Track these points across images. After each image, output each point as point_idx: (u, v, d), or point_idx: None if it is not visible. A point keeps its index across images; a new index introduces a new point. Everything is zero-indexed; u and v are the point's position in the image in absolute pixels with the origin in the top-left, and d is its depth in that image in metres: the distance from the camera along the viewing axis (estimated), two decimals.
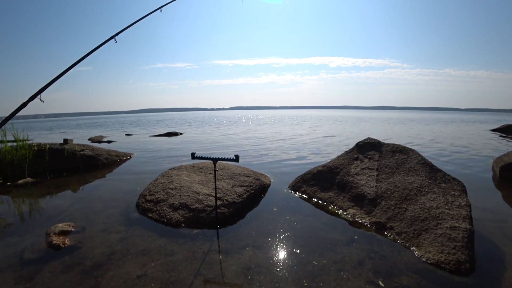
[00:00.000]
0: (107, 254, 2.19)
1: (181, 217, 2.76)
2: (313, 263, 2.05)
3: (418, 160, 3.29)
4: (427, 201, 2.64)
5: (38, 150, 5.17)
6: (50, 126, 27.00)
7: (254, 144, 8.82)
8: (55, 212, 3.12)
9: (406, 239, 2.34)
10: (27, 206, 3.44)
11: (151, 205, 3.05)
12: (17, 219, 3.00)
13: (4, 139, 5.16)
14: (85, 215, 3.03)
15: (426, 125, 17.94)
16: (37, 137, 13.00)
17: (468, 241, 2.13)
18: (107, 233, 2.57)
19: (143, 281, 1.86)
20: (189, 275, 1.91)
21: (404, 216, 2.57)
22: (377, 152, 3.66)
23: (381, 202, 2.85)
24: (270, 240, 2.41)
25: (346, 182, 3.34)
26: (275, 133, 12.55)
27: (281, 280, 1.85)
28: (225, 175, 3.72)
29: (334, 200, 3.23)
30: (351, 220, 2.79)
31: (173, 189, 3.25)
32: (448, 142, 8.98)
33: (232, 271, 1.96)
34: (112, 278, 1.89)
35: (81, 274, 1.94)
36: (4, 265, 2.06)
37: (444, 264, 1.98)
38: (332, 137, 10.49)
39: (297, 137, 10.61)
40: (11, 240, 2.48)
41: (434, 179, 2.98)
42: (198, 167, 4.12)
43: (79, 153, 5.57)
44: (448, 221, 2.34)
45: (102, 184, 4.35)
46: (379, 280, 1.84)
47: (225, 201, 3.00)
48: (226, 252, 2.23)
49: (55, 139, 10.16)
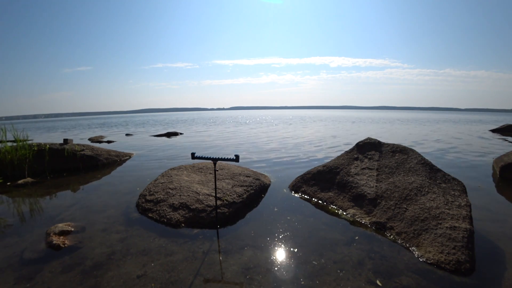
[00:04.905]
0: (107, 254, 2.19)
1: (181, 217, 2.76)
2: (313, 263, 2.05)
3: (418, 160, 3.29)
4: (427, 201, 2.64)
5: (38, 150, 5.17)
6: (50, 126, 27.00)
7: (254, 144, 8.82)
8: (55, 212, 3.12)
9: (406, 239, 2.34)
10: (27, 206, 3.44)
11: (151, 205, 3.05)
12: (17, 219, 3.00)
13: (4, 139, 5.16)
14: (85, 215, 3.03)
15: (426, 125, 17.94)
16: (37, 137, 13.00)
17: (468, 241, 2.13)
18: (107, 233, 2.57)
19: (143, 281, 1.86)
20: (189, 275, 1.91)
21: (404, 216, 2.57)
22: (377, 152, 3.66)
23: (381, 202, 2.85)
24: (270, 240, 2.41)
25: (346, 182, 3.34)
26: (275, 133, 12.55)
27: (281, 280, 1.85)
28: (225, 175, 3.71)
29: (334, 200, 3.23)
30: (351, 220, 2.79)
31: (173, 189, 3.25)
32: (448, 142, 8.98)
33: (232, 271, 1.96)
34: (112, 278, 1.89)
35: (81, 274, 1.94)
36: (4, 265, 2.06)
37: (444, 264, 1.98)
38: (332, 137, 10.49)
39: (297, 137, 10.61)
40: (11, 240, 2.48)
41: (434, 179, 2.98)
42: (198, 167, 4.11)
43: (79, 153, 5.56)
44: (448, 221, 2.34)
45: (102, 184, 4.35)
46: (377, 279, 1.84)
47: (225, 201, 3.00)
48: (226, 252, 2.22)
49: (55, 139, 10.17)
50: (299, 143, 8.90)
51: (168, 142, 9.99)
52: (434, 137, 10.40)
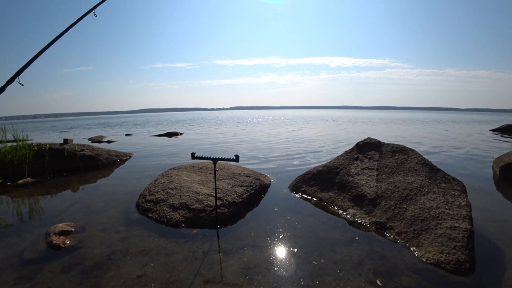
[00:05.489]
0: (107, 254, 2.19)
1: (181, 217, 2.76)
2: (313, 263, 2.05)
3: (418, 160, 3.29)
4: (427, 201, 2.64)
5: (38, 150, 5.17)
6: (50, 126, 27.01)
7: (254, 144, 8.82)
8: (55, 212, 3.12)
9: (406, 239, 2.34)
10: (27, 206, 3.44)
11: (151, 205, 3.05)
12: (17, 219, 3.00)
13: (4, 139, 5.16)
14: (85, 215, 3.03)
15: (426, 125, 17.94)
16: (37, 137, 13.00)
17: (468, 241, 2.13)
18: (107, 233, 2.57)
19: (143, 281, 1.86)
20: (189, 275, 1.91)
21: (404, 216, 2.57)
22: (377, 152, 3.66)
23: (381, 202, 2.85)
24: (270, 240, 2.41)
25: (346, 182, 3.34)
26: (275, 133, 12.55)
27: (281, 280, 1.85)
28: (225, 175, 3.72)
29: (334, 200, 3.23)
30: (351, 220, 2.79)
31: (173, 189, 3.25)
32: (447, 142, 8.98)
33: (232, 271, 1.96)
34: (112, 278, 1.89)
35: (81, 274, 1.94)
36: (4, 265, 2.06)
37: (444, 264, 1.98)
38: (332, 137, 10.49)
39: (297, 137, 10.61)
40: (11, 240, 2.48)
41: (434, 179, 2.98)
42: (198, 167, 4.11)
43: (79, 153, 5.57)
44: (448, 221, 2.34)
45: (102, 184, 4.35)
46: (377, 279, 1.84)
47: (225, 201, 3.00)
48: (226, 252, 2.23)
49: (55, 139, 10.17)
50: (299, 143, 8.90)
51: (168, 142, 9.99)
52: (434, 137, 10.40)
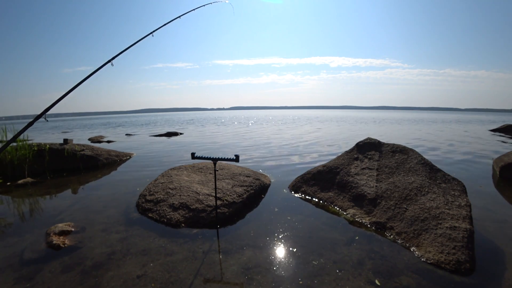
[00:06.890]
0: (107, 254, 2.19)
1: (181, 217, 2.76)
2: (313, 263, 2.05)
3: (418, 160, 3.29)
4: (427, 201, 2.64)
5: (38, 150, 5.17)
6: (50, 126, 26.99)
7: (254, 144, 8.82)
8: (55, 212, 3.12)
9: (406, 239, 2.34)
10: (27, 206, 3.44)
11: (151, 205, 3.05)
12: (17, 219, 3.00)
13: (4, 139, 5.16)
14: (85, 215, 3.03)
15: (426, 125, 17.94)
16: (37, 137, 13.00)
17: (468, 241, 2.13)
18: (107, 233, 2.57)
19: (143, 281, 1.86)
20: (189, 275, 1.91)
21: (404, 216, 2.57)
22: (377, 152, 3.66)
23: (381, 202, 2.85)
24: (270, 240, 2.41)
25: (346, 182, 3.34)
26: (275, 133, 12.55)
27: (281, 280, 1.85)
28: (225, 175, 3.71)
29: (334, 200, 3.23)
30: (351, 220, 2.79)
31: (173, 189, 3.25)
32: (447, 142, 8.98)
33: (231, 271, 1.96)
34: (112, 278, 1.89)
35: (81, 274, 1.94)
36: (4, 265, 2.06)
37: (444, 264, 1.98)
38: (333, 137, 10.49)
39: (297, 137, 10.60)
40: (11, 240, 2.48)
41: (434, 179, 2.98)
42: (198, 167, 4.11)
43: (79, 153, 5.57)
44: (448, 221, 2.34)
45: (102, 184, 4.35)
46: (377, 279, 1.84)
47: (225, 201, 3.00)
48: (226, 252, 2.23)
49: (55, 139, 10.16)
50: (299, 143, 8.90)
51: (168, 142, 9.99)
52: (434, 137, 10.40)
